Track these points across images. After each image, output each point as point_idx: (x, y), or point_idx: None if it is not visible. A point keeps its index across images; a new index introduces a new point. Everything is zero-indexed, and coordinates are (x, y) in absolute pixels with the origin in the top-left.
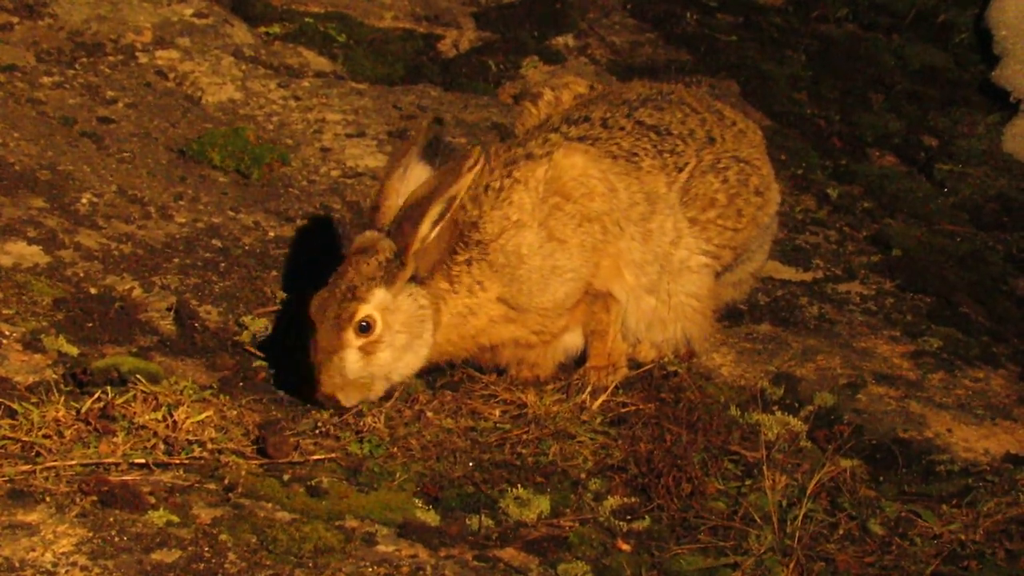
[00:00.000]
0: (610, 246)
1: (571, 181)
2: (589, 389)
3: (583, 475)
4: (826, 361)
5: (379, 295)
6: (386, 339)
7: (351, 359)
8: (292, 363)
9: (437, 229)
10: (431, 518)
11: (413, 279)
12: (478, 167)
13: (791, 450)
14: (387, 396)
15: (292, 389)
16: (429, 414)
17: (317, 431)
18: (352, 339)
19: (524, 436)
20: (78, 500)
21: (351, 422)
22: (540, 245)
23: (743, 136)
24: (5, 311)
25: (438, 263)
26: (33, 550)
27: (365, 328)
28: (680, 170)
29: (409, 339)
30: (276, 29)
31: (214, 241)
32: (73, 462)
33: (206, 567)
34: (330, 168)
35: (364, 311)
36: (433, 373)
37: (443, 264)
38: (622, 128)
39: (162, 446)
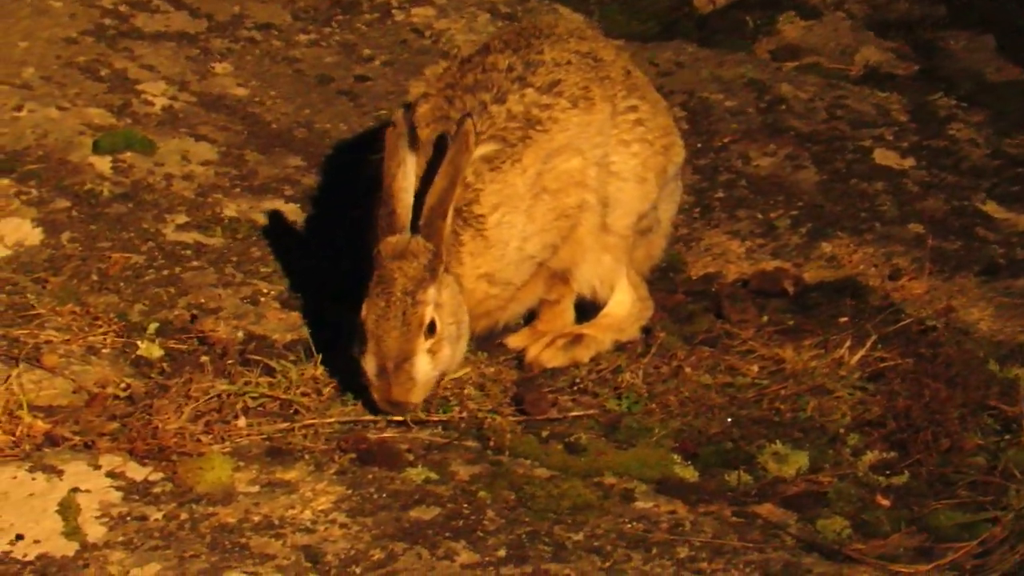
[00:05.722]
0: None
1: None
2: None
3: (841, 430)
4: None
5: (432, 294)
6: (445, 335)
7: (423, 362)
8: None
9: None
10: (689, 474)
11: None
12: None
13: None
14: (644, 352)
15: None
16: (687, 370)
17: (575, 388)
18: (423, 343)
19: (782, 392)
20: (336, 458)
21: (609, 378)
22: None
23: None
24: (263, 269)
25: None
26: (292, 507)
27: (432, 330)
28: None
29: (457, 328)
30: None
31: None
32: (331, 420)
33: (464, 524)
34: None
35: (429, 314)
36: (690, 328)
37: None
38: (569, 63)
39: None
